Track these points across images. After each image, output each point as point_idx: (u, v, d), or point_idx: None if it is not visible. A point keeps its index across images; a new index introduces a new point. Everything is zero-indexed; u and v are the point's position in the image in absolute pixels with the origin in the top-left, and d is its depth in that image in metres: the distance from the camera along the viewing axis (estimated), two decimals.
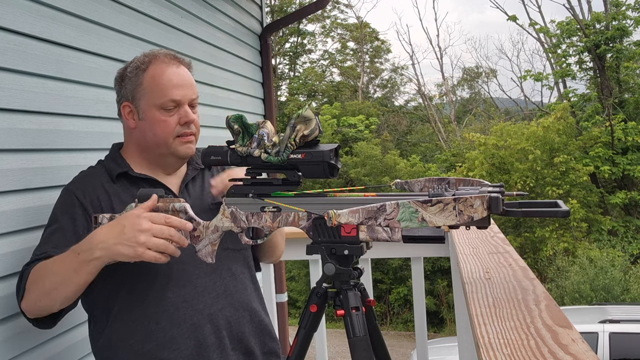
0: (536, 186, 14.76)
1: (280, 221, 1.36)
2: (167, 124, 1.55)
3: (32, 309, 1.43)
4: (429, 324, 13.12)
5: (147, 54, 1.60)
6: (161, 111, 1.55)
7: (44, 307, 1.43)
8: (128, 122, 1.59)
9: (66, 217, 1.51)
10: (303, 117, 1.31)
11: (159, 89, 1.54)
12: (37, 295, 1.40)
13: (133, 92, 1.57)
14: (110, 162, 1.62)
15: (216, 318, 1.56)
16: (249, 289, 1.66)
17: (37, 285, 1.40)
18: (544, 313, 1.14)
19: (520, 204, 1.21)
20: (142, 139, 1.59)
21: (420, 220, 1.19)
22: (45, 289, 1.39)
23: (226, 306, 1.58)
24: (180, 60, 1.62)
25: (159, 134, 1.56)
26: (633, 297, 11.10)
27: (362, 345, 1.30)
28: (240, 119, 1.36)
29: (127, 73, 1.59)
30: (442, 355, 6.92)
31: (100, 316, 1.56)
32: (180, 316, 1.52)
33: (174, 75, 1.57)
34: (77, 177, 1.61)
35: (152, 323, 1.51)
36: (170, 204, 1.46)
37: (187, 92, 1.58)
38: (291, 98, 24.00)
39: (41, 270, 1.41)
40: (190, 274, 1.56)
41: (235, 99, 3.84)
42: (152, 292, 1.52)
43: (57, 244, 1.46)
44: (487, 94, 26.16)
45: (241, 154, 1.37)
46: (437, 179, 1.35)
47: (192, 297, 1.54)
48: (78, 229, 1.50)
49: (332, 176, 1.32)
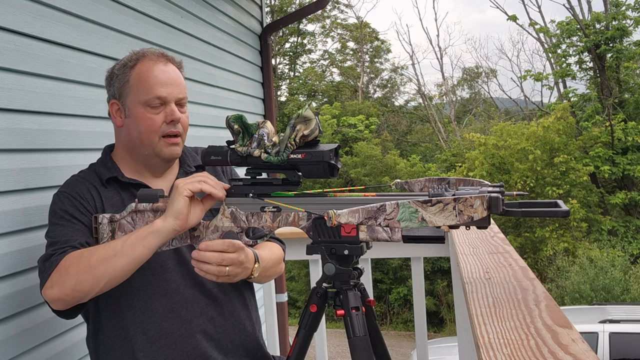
0: (536, 186, 14.75)
1: (280, 221, 1.36)
2: (153, 122, 1.53)
3: (70, 293, 1.37)
4: (429, 324, 13.11)
5: (136, 52, 1.58)
6: (147, 108, 1.53)
7: (86, 289, 1.37)
8: (115, 120, 1.58)
9: (71, 216, 1.49)
10: (303, 117, 1.31)
11: (144, 86, 1.53)
12: (78, 275, 1.35)
13: (120, 89, 1.55)
14: (100, 166, 1.60)
15: (204, 329, 1.54)
16: (240, 298, 1.63)
17: (77, 266, 1.36)
18: (544, 313, 1.14)
19: (520, 204, 1.22)
20: (128, 138, 1.57)
21: (420, 220, 1.19)
22: (89, 265, 1.35)
23: (215, 316, 1.56)
24: (169, 58, 1.59)
25: (144, 131, 1.54)
26: (633, 297, 11.10)
27: (362, 345, 1.30)
28: (240, 119, 1.36)
29: (115, 71, 1.58)
30: (442, 355, 6.92)
31: (93, 321, 1.56)
32: (167, 327, 1.51)
33: (160, 73, 1.54)
34: (70, 180, 1.59)
35: (139, 333, 1.50)
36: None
37: (173, 90, 1.55)
38: (291, 98, 24.00)
39: (81, 253, 1.38)
40: (178, 283, 1.54)
41: (236, 99, 3.84)
42: (139, 300, 1.51)
43: (81, 236, 1.45)
44: (487, 94, 26.17)
45: (241, 154, 1.37)
46: (437, 179, 1.35)
47: (180, 307, 1.53)
48: (87, 226, 1.49)
49: (332, 176, 1.32)
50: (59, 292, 1.37)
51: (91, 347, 1.57)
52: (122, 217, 1.47)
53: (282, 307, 4.28)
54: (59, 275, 1.37)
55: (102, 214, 1.49)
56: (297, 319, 1.43)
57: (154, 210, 1.46)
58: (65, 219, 1.49)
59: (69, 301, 1.39)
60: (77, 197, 1.52)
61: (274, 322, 3.13)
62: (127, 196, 1.56)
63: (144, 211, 1.47)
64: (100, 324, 1.54)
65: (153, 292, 1.51)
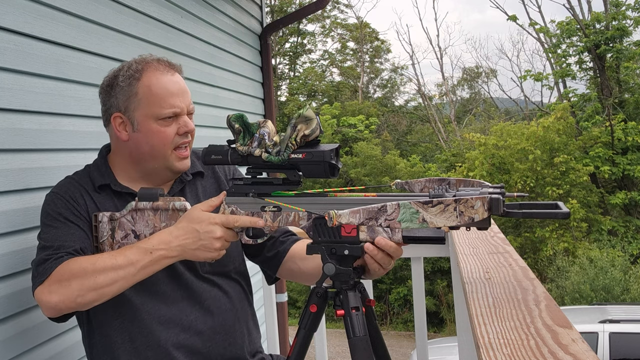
0: (536, 186, 14.75)
1: (281, 220, 1.36)
2: (165, 135, 1.49)
3: (70, 304, 1.36)
4: (429, 324, 13.11)
5: (138, 61, 1.52)
6: (159, 122, 1.48)
7: (88, 302, 1.37)
8: (119, 134, 1.51)
9: (65, 218, 1.47)
10: (304, 117, 1.31)
11: (156, 100, 1.47)
12: (82, 291, 1.34)
13: (126, 102, 1.49)
14: (94, 171, 1.56)
15: (192, 343, 1.52)
16: (232, 311, 1.60)
17: (81, 281, 1.34)
18: (544, 313, 1.14)
19: (520, 205, 1.22)
20: (135, 151, 1.52)
21: (421, 221, 1.19)
22: (96, 284, 1.34)
23: (205, 330, 1.54)
24: (173, 66, 1.55)
25: (157, 145, 1.50)
26: (633, 297, 11.10)
27: (362, 345, 1.30)
28: (241, 118, 1.36)
29: (118, 82, 1.50)
30: (442, 355, 6.92)
31: (86, 325, 1.55)
32: (153, 339, 1.49)
33: (170, 84, 1.50)
34: (63, 182, 1.55)
35: (127, 342, 1.50)
36: (170, 202, 1.46)
37: (185, 101, 1.52)
38: (291, 98, 24.00)
39: (83, 266, 1.35)
40: (167, 296, 1.52)
41: (235, 99, 3.84)
42: (128, 310, 1.50)
43: (75, 240, 1.43)
44: (487, 94, 26.16)
45: (242, 153, 1.37)
46: (438, 180, 1.35)
47: (167, 320, 1.51)
48: (84, 228, 1.47)
49: (332, 176, 1.32)
50: (58, 301, 1.35)
51: (86, 349, 1.58)
52: (122, 216, 1.47)
53: (282, 307, 4.28)
54: (58, 285, 1.35)
55: (102, 212, 1.48)
56: (297, 319, 1.43)
57: (154, 209, 1.46)
58: (59, 221, 1.46)
59: (65, 310, 1.39)
60: (70, 200, 1.49)
61: (274, 322, 3.12)
62: (120, 203, 1.53)
63: (144, 210, 1.46)
64: (91, 330, 1.54)
65: (142, 303, 1.50)
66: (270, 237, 1.66)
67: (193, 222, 1.38)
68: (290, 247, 1.67)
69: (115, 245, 1.48)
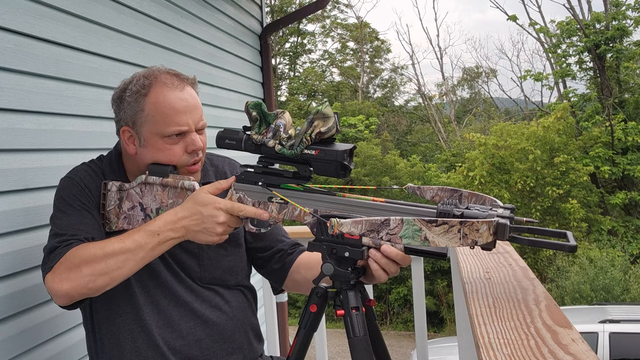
0: (536, 186, 14.75)
1: (286, 213, 1.37)
2: (172, 153, 1.47)
3: (81, 290, 1.35)
4: (429, 324, 13.11)
5: (146, 75, 1.48)
6: (165, 139, 1.46)
7: (99, 286, 1.36)
8: (128, 147, 1.50)
9: (80, 205, 1.47)
10: (322, 114, 1.29)
11: (162, 118, 1.44)
12: (93, 276, 1.34)
13: (134, 117, 1.47)
14: (107, 166, 1.56)
15: (189, 351, 1.52)
16: (234, 320, 1.59)
17: (92, 266, 1.34)
18: (544, 313, 1.14)
19: (528, 229, 1.21)
20: (143, 164, 1.50)
21: (422, 239, 1.17)
22: (107, 268, 1.34)
23: (204, 338, 1.53)
24: (183, 80, 1.51)
25: (164, 161, 1.47)
26: (633, 297, 11.09)
27: (362, 345, 1.30)
28: (259, 106, 1.34)
29: (125, 97, 1.47)
30: (442, 355, 6.92)
31: (90, 319, 1.55)
32: (153, 341, 1.50)
33: (177, 101, 1.45)
34: (80, 168, 1.54)
35: (129, 340, 1.50)
36: (180, 180, 1.46)
37: (193, 118, 1.47)
38: (291, 98, 24.00)
39: (93, 252, 1.35)
40: (168, 299, 1.52)
41: (235, 99, 3.84)
42: (131, 308, 1.50)
43: (88, 229, 1.43)
44: (487, 94, 26.16)
45: (255, 142, 1.36)
46: (450, 190, 1.32)
47: (166, 324, 1.51)
48: (96, 217, 1.48)
49: (343, 176, 1.30)
50: (69, 288, 1.34)
51: (90, 343, 1.58)
52: (131, 187, 1.48)
53: (282, 307, 4.28)
54: (68, 272, 1.34)
55: (112, 180, 1.49)
56: (297, 319, 1.43)
57: (163, 184, 1.46)
58: (74, 208, 1.46)
59: (77, 297, 1.37)
60: (85, 189, 1.49)
61: (274, 322, 3.13)
62: None
63: (153, 184, 1.47)
64: (95, 324, 1.54)
65: (144, 304, 1.50)
66: (278, 250, 1.67)
67: (198, 204, 1.37)
68: (297, 257, 1.66)
69: (121, 215, 1.49)
